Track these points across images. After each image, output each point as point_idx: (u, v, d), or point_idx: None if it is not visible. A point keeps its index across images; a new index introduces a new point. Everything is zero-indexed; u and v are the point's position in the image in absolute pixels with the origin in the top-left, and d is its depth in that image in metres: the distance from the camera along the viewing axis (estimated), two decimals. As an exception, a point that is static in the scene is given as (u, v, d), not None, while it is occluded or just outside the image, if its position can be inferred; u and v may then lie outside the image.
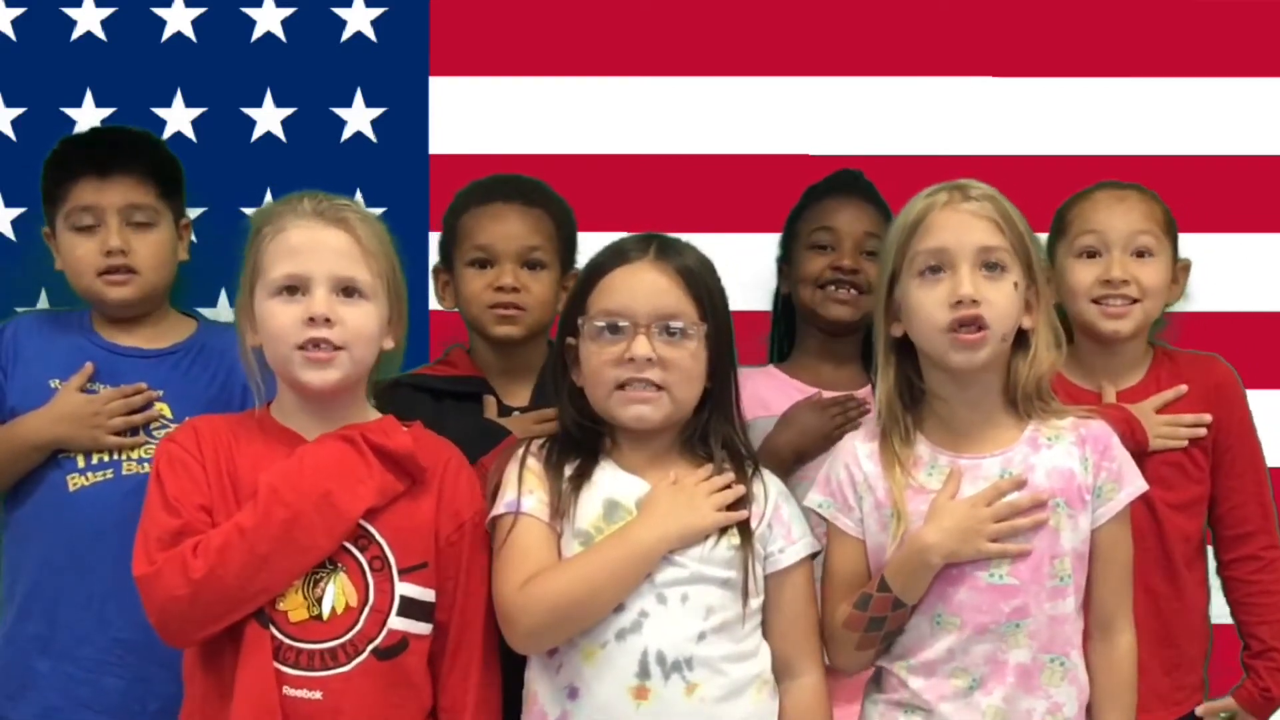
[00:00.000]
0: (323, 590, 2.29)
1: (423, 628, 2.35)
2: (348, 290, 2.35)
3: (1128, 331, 2.79)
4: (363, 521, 2.31)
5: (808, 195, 2.94)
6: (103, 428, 2.75)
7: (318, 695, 2.27)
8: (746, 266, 2.91)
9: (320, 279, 2.34)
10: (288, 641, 2.28)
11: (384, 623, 2.31)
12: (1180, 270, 2.86)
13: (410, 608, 2.34)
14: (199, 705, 2.32)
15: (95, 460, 2.77)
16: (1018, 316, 2.39)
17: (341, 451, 2.33)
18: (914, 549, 2.34)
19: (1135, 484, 2.45)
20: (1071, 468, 2.40)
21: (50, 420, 2.76)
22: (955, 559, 2.34)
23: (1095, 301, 2.77)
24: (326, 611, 2.29)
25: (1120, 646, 2.44)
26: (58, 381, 2.80)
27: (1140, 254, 2.79)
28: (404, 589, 2.33)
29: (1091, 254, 2.79)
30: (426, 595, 2.36)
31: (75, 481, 2.77)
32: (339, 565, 2.30)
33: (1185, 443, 2.78)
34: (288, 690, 2.26)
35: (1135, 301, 2.77)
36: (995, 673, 2.36)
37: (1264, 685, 2.82)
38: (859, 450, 2.44)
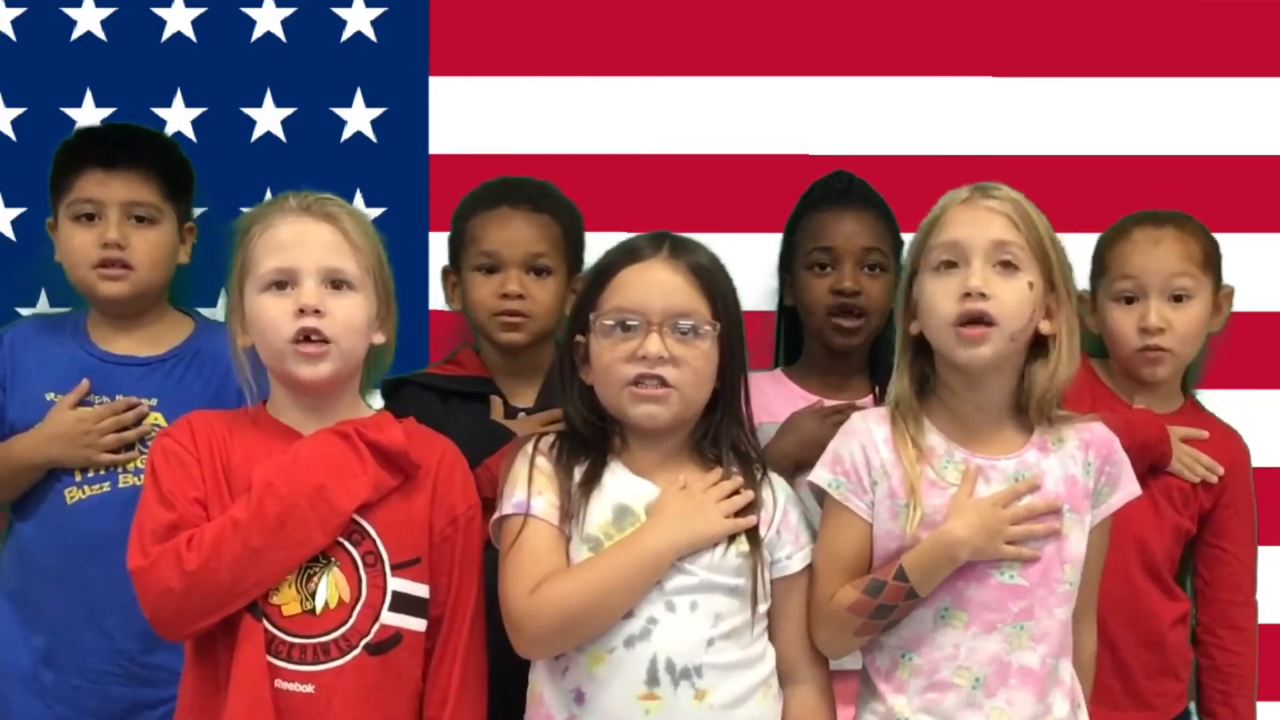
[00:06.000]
0: (316, 585, 2.30)
1: (417, 623, 2.36)
2: (336, 282, 2.37)
3: (1165, 376, 2.87)
4: (356, 516, 2.32)
5: (803, 202, 2.93)
6: (95, 446, 2.76)
7: (309, 689, 2.29)
8: (747, 266, 2.88)
9: (309, 271, 2.36)
10: (280, 635, 2.29)
11: (376, 618, 2.32)
12: (1223, 298, 2.90)
13: (403, 603, 2.34)
14: (192, 697, 2.34)
15: (92, 473, 2.78)
16: (1030, 318, 2.38)
17: (336, 446, 2.34)
18: (942, 542, 2.34)
19: (1130, 488, 2.47)
20: (1076, 474, 2.41)
21: (44, 441, 2.78)
22: (979, 556, 2.35)
23: (1137, 350, 2.83)
24: (320, 606, 2.30)
25: (1085, 645, 2.46)
26: (54, 395, 2.81)
27: (1177, 298, 2.82)
28: (397, 584, 2.34)
29: (1129, 299, 2.83)
30: (420, 591, 2.37)
31: (73, 495, 2.79)
32: (332, 560, 2.31)
33: (1198, 479, 2.84)
34: (280, 683, 2.28)
35: (1169, 350, 2.82)
36: (998, 674, 2.36)
37: None
38: (875, 433, 2.42)
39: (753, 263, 2.96)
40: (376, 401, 2.66)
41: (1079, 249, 2.91)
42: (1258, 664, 2.92)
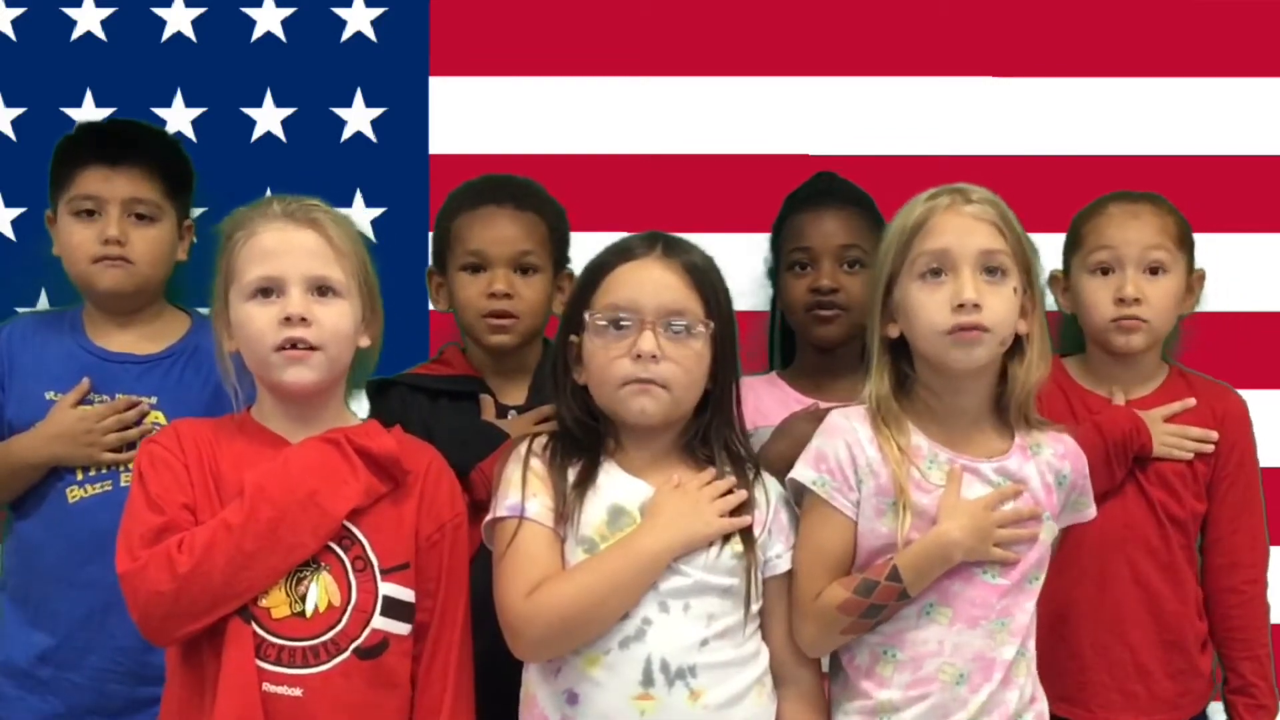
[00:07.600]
0: (306, 588, 2.30)
1: (403, 628, 2.36)
2: (321, 289, 2.37)
3: (1140, 346, 2.81)
4: (345, 521, 2.32)
5: (786, 205, 2.93)
6: (97, 444, 2.77)
7: (297, 692, 2.28)
8: (745, 267, 2.91)
9: (294, 279, 2.36)
10: (269, 638, 2.29)
11: (367, 622, 2.32)
12: (1195, 280, 2.87)
13: (393, 608, 2.35)
14: (177, 701, 2.33)
15: (94, 472, 2.79)
16: (1015, 322, 2.41)
17: (326, 453, 2.35)
18: (937, 544, 2.36)
19: (1090, 509, 2.53)
20: (1051, 483, 2.45)
21: (45, 439, 2.78)
22: (970, 557, 2.37)
23: (1111, 320, 2.79)
24: (310, 609, 2.30)
25: None
26: (53, 393, 2.81)
27: (1153, 270, 2.80)
28: (387, 589, 2.34)
29: (1105, 270, 2.80)
30: (408, 596, 2.37)
31: (74, 493, 2.79)
32: (322, 564, 2.32)
33: (1190, 455, 2.79)
34: (268, 687, 2.27)
35: (1145, 321, 2.78)
36: (982, 669, 2.38)
37: None
38: (859, 432, 2.43)
39: (750, 264, 2.97)
40: (359, 404, 2.66)
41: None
42: (1268, 624, 2.83)
